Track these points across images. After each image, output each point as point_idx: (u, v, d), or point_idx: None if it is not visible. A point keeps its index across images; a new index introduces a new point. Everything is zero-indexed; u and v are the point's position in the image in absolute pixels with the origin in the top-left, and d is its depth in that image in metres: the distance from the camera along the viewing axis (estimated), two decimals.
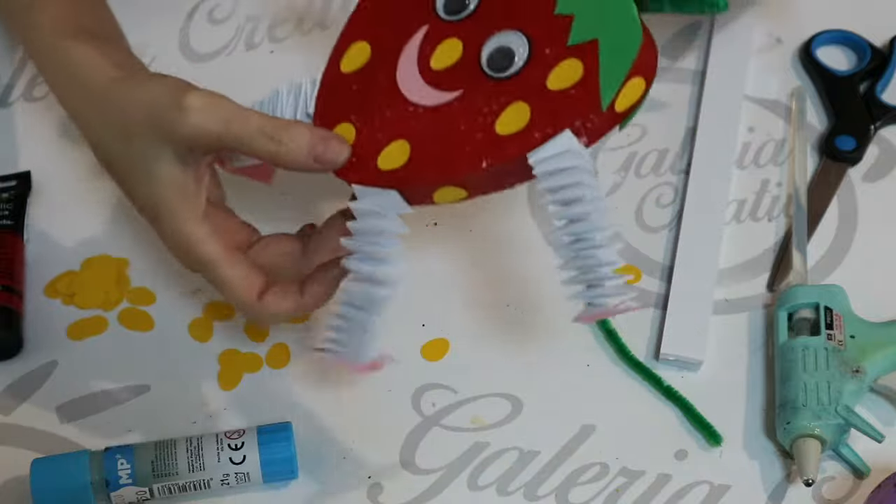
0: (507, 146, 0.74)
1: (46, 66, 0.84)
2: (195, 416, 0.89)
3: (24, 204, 0.97)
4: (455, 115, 0.77)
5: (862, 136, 1.01)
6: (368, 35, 0.82)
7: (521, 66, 0.75)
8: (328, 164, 0.78)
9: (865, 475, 0.87)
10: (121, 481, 0.84)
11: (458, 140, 0.76)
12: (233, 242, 0.82)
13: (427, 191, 0.77)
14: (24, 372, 0.91)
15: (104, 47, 0.82)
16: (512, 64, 0.75)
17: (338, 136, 0.79)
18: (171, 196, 0.79)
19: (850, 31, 1.06)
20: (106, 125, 0.80)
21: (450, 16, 0.79)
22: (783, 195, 0.99)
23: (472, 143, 0.76)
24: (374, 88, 0.80)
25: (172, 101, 0.77)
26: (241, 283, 0.80)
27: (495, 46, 0.76)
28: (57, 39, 0.82)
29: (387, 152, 0.78)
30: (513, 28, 0.76)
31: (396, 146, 0.78)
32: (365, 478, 0.87)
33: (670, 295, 0.93)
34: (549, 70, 0.74)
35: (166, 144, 0.78)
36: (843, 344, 0.88)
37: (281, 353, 0.92)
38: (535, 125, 0.74)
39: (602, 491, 0.87)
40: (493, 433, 0.89)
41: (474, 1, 0.78)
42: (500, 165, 0.75)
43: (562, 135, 0.74)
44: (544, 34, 0.75)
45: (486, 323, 0.93)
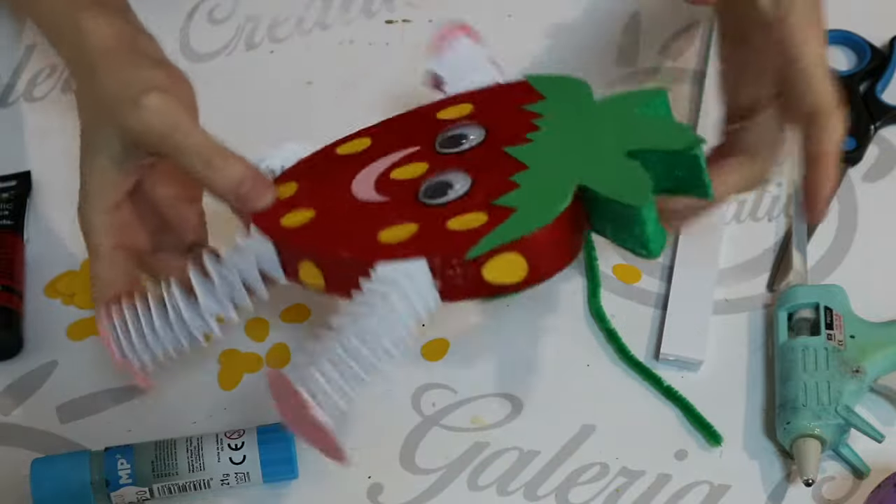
0: (370, 252, 0.75)
1: (58, 36, 0.85)
2: (195, 416, 0.89)
3: (24, 204, 0.97)
4: (366, 213, 0.78)
5: (862, 136, 1.01)
6: (375, 135, 0.84)
7: (445, 203, 0.77)
8: (247, 204, 0.80)
9: (865, 475, 0.87)
10: (121, 481, 0.84)
11: (347, 230, 0.78)
12: (128, 242, 0.82)
13: (296, 256, 0.77)
14: (24, 372, 0.91)
15: (112, 18, 0.83)
16: (442, 196, 0.77)
17: (267, 183, 0.80)
18: (95, 182, 0.81)
19: (850, 31, 1.06)
20: (85, 97, 0.82)
21: (442, 149, 0.81)
22: (783, 195, 0.99)
23: (353, 237, 0.77)
24: (337, 169, 0.82)
25: (134, 93, 0.78)
26: (104, 283, 0.81)
27: (440, 178, 0.78)
28: (73, 10, 0.83)
29: (296, 213, 0.79)
30: (464, 170, 0.78)
31: (306, 212, 0.79)
32: (365, 478, 0.87)
33: (670, 295, 0.93)
34: (461, 213, 0.76)
35: (115, 135, 0.79)
36: (843, 344, 0.88)
37: (281, 353, 0.92)
38: (406, 246, 0.75)
39: (602, 491, 0.87)
40: (493, 433, 0.89)
41: (468, 144, 0.80)
42: (352, 260, 0.75)
43: (415, 261, 0.74)
44: (485, 186, 0.77)
45: (486, 323, 0.93)
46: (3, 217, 0.96)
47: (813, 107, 0.82)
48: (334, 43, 1.06)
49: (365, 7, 1.09)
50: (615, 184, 0.74)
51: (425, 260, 0.74)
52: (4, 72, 1.05)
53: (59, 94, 1.04)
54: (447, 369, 0.92)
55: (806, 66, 0.82)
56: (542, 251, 0.74)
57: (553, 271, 0.76)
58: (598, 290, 0.94)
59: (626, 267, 0.96)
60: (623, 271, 0.96)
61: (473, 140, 0.81)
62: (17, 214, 0.96)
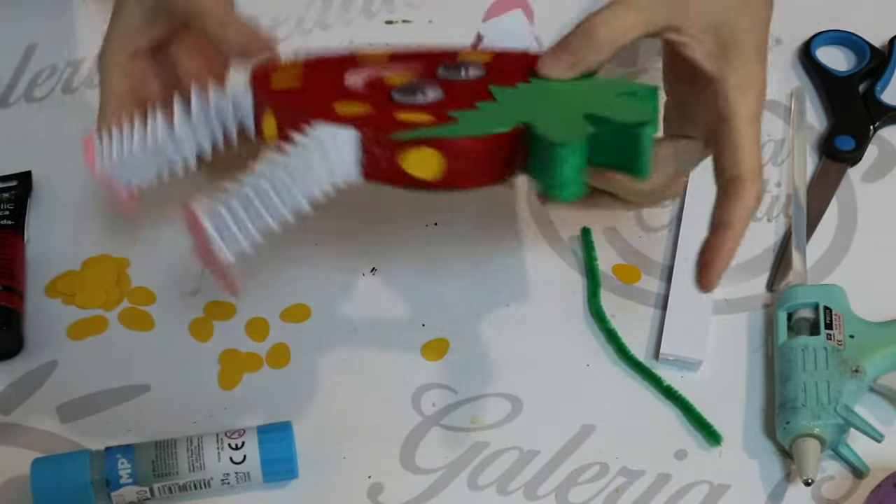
0: (316, 112, 0.79)
1: None
2: (195, 416, 0.89)
3: (24, 204, 0.97)
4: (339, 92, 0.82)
5: (861, 137, 1.01)
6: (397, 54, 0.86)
7: (408, 102, 0.81)
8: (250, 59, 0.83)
9: (865, 475, 0.87)
10: (121, 481, 0.84)
11: (313, 97, 0.81)
12: (140, 91, 0.85)
13: (263, 108, 0.81)
14: (24, 372, 0.91)
15: None
16: (409, 97, 0.81)
17: (267, 43, 0.82)
18: (120, 26, 0.85)
19: (850, 32, 1.06)
20: None
21: (439, 74, 0.84)
22: (783, 195, 0.99)
23: (313, 101, 0.81)
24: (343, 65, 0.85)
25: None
26: (107, 113, 0.84)
27: (417, 84, 0.82)
28: None
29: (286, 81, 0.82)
30: (442, 88, 0.82)
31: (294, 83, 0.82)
32: (365, 478, 0.87)
33: (670, 295, 0.94)
34: (414, 112, 0.79)
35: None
36: (843, 344, 0.89)
37: (281, 353, 0.92)
38: (349, 118, 0.78)
39: (602, 491, 0.87)
40: (493, 433, 0.89)
41: (462, 76, 0.84)
42: (297, 114, 0.78)
43: (347, 129, 0.77)
44: (450, 102, 0.80)
45: (486, 323, 0.93)
46: (3, 217, 0.96)
47: (734, 171, 0.81)
48: (334, 43, 1.06)
49: (365, 7, 1.09)
50: (551, 127, 0.76)
51: (355, 131, 0.77)
52: (4, 72, 1.05)
53: (60, 94, 1.04)
54: (447, 369, 0.92)
55: (736, 127, 0.80)
56: (462, 159, 0.77)
57: (467, 183, 0.78)
58: (598, 290, 0.94)
59: (626, 267, 0.96)
60: (623, 271, 0.96)
61: (470, 75, 0.84)
62: (18, 214, 0.96)
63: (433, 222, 0.97)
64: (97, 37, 1.06)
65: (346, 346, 0.92)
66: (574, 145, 0.75)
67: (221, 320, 0.93)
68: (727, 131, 0.81)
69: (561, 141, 0.75)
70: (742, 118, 0.81)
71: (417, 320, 0.93)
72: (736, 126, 0.80)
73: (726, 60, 0.81)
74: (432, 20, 1.07)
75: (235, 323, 0.93)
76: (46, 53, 1.06)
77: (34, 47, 1.06)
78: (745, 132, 0.81)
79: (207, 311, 0.94)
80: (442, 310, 0.94)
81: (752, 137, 0.81)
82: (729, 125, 0.80)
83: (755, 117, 0.81)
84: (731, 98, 0.81)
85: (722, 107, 0.81)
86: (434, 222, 0.97)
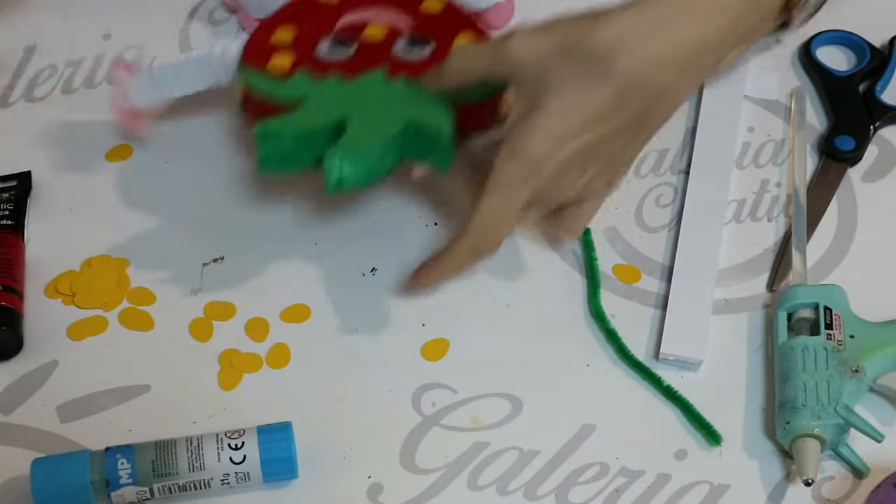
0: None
1: None
2: (195, 416, 0.89)
3: (24, 204, 0.97)
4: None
5: (861, 137, 1.01)
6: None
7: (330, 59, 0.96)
8: None
9: (865, 475, 0.87)
10: (121, 481, 0.84)
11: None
12: None
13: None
14: (24, 372, 0.91)
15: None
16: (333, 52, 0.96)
17: None
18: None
19: (850, 32, 1.06)
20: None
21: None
22: (783, 195, 0.99)
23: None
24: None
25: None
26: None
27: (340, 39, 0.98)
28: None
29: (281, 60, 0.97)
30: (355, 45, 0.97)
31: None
32: (365, 478, 0.87)
33: (670, 295, 0.94)
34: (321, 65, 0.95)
35: None
36: (843, 344, 0.89)
37: (281, 353, 0.92)
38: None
39: (602, 491, 0.87)
40: (493, 433, 0.89)
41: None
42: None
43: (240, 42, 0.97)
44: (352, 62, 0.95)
45: (486, 323, 0.93)
46: (3, 217, 0.96)
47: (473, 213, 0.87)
48: None
49: None
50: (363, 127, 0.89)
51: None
52: (4, 72, 1.05)
53: (60, 94, 1.04)
54: (447, 369, 0.92)
55: (491, 177, 0.86)
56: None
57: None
58: (598, 290, 0.94)
59: (626, 267, 0.96)
60: (623, 271, 0.96)
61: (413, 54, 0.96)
62: (18, 214, 0.96)
63: (433, 222, 0.97)
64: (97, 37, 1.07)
65: (346, 346, 0.92)
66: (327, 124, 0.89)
67: (221, 320, 0.93)
68: (489, 178, 0.86)
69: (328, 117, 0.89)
70: (494, 178, 0.85)
71: (417, 320, 0.93)
72: (491, 176, 0.86)
73: (519, 127, 0.85)
74: None
75: (235, 323, 0.93)
76: (46, 53, 1.06)
77: (34, 48, 1.06)
78: (489, 193, 0.86)
79: (207, 311, 0.94)
80: (442, 310, 0.94)
81: (492, 201, 0.86)
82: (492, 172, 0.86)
83: (507, 185, 0.85)
84: (502, 150, 0.86)
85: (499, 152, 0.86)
86: (434, 222, 0.97)
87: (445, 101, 0.89)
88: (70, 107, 1.03)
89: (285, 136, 0.88)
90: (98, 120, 1.02)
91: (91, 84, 1.04)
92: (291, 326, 0.93)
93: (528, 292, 0.95)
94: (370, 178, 0.88)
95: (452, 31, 0.96)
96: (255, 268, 0.95)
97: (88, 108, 1.03)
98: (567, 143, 0.84)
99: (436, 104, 0.89)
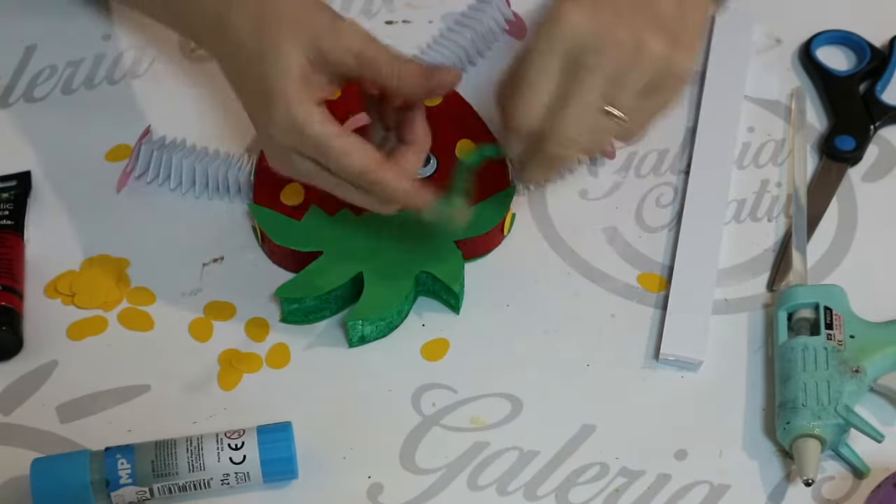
0: None
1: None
2: (195, 416, 0.89)
3: (24, 204, 0.97)
4: None
5: (861, 137, 1.01)
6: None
7: None
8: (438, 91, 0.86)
9: (865, 475, 0.87)
10: (121, 481, 0.84)
11: None
12: None
13: None
14: (24, 372, 0.91)
15: None
16: None
17: (438, 70, 0.86)
18: (294, 81, 0.84)
19: (850, 32, 1.06)
20: (250, 15, 0.86)
21: None
22: (783, 195, 0.99)
23: None
24: None
25: (330, 20, 0.85)
26: (362, 147, 0.84)
27: None
28: None
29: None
30: None
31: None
32: (365, 478, 0.87)
33: (670, 295, 0.93)
34: None
35: (305, 44, 0.84)
36: (843, 344, 0.88)
37: (281, 353, 0.92)
38: None
39: (602, 491, 0.87)
40: (493, 433, 0.89)
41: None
42: None
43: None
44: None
45: (486, 323, 0.93)
46: (3, 217, 0.96)
47: None
48: None
49: (365, 8, 1.09)
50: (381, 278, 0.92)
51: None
52: (4, 72, 1.05)
53: (60, 94, 1.04)
54: (447, 369, 0.92)
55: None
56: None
57: None
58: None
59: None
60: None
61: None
62: (17, 214, 0.96)
63: None
64: (97, 37, 1.07)
65: (346, 347, 0.92)
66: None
67: (221, 320, 0.93)
68: None
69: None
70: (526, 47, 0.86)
71: (417, 320, 0.93)
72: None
73: None
74: (432, 20, 1.07)
75: (235, 323, 0.93)
76: (46, 53, 1.06)
77: (34, 47, 1.06)
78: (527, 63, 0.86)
79: (207, 311, 0.94)
80: (442, 310, 0.94)
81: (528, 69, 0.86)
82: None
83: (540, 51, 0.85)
84: None
85: None
86: None
87: (453, 236, 0.93)
88: (70, 107, 1.03)
89: (307, 298, 0.91)
90: (98, 120, 1.02)
91: (91, 84, 1.04)
92: (291, 326, 0.93)
93: (528, 292, 0.95)
94: (390, 330, 0.93)
95: (452, 136, 0.97)
96: (255, 268, 0.95)
97: (88, 109, 1.03)
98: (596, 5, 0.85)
99: (444, 243, 0.93)
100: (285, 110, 0.84)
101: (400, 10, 1.08)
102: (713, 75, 1.03)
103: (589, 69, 0.84)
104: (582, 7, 0.84)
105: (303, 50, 0.84)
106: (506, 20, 1.05)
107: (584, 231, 0.97)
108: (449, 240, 0.93)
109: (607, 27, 0.84)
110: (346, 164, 0.84)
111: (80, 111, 1.03)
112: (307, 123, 0.84)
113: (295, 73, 0.84)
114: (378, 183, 0.85)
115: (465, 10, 1.06)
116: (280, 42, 0.84)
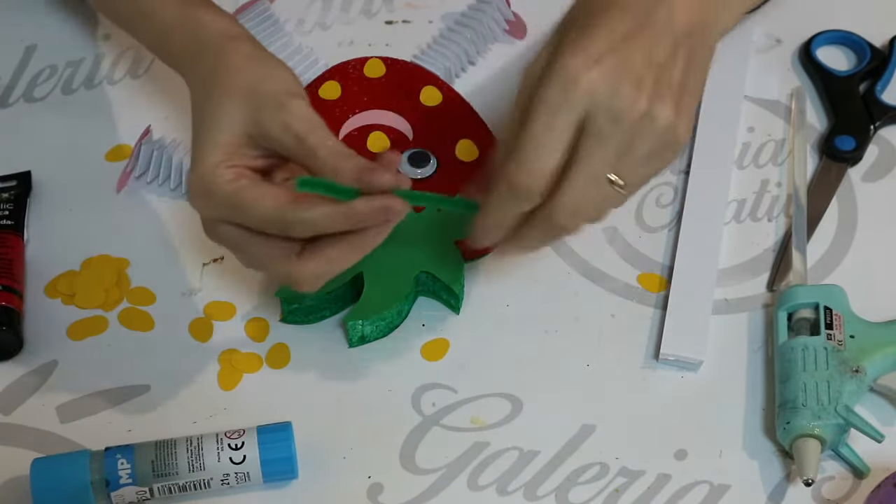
0: None
1: (172, 29, 0.88)
2: (195, 416, 0.89)
3: (24, 204, 0.97)
4: None
5: (861, 137, 1.01)
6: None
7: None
8: (371, 188, 0.81)
9: (865, 475, 0.87)
10: (121, 481, 0.84)
11: None
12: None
13: None
14: (24, 372, 0.91)
15: (223, 15, 0.88)
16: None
17: (381, 170, 0.81)
18: (217, 152, 0.82)
19: (850, 32, 1.06)
20: (204, 76, 0.85)
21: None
22: (783, 195, 0.99)
23: None
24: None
25: (284, 95, 0.82)
26: (274, 191, 0.81)
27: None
28: (186, 8, 0.88)
29: None
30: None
31: None
32: (365, 478, 0.87)
33: (670, 295, 0.93)
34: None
35: (246, 118, 0.82)
36: (843, 344, 0.88)
37: (281, 353, 0.92)
38: None
39: (602, 491, 0.87)
40: (493, 433, 0.89)
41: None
42: None
43: None
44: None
45: (486, 323, 0.93)
46: (3, 217, 0.96)
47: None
48: (334, 44, 1.06)
49: (365, 8, 1.09)
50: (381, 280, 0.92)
51: None
52: (4, 72, 1.05)
53: (60, 94, 1.04)
54: (447, 369, 0.92)
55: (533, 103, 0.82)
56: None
57: None
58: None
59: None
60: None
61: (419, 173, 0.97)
62: (17, 214, 0.96)
63: None
64: (97, 37, 1.07)
65: (346, 347, 0.92)
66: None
67: (221, 320, 0.93)
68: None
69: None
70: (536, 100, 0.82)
71: (417, 320, 0.93)
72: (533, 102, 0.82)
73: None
74: (432, 20, 1.07)
75: (235, 323, 0.93)
76: (46, 53, 1.06)
77: (34, 47, 1.06)
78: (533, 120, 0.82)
79: (207, 311, 0.94)
80: (442, 310, 0.94)
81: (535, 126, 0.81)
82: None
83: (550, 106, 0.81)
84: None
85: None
86: None
87: (453, 237, 0.93)
88: (70, 107, 1.03)
89: (307, 297, 0.91)
90: (98, 120, 1.02)
91: (91, 84, 1.04)
92: (291, 326, 0.93)
93: (528, 292, 0.95)
94: (390, 330, 0.93)
95: (452, 136, 0.97)
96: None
97: (88, 108, 1.03)
98: (601, 56, 0.80)
99: (444, 243, 0.93)
100: (199, 176, 0.82)
101: (400, 10, 1.08)
102: (713, 75, 1.03)
103: (602, 137, 0.80)
104: (600, 65, 0.80)
105: (241, 124, 0.82)
106: (506, 20, 1.05)
107: (584, 231, 0.97)
108: (449, 240, 0.93)
109: (627, 95, 0.80)
110: (261, 208, 0.80)
111: (80, 111, 1.03)
112: (215, 184, 0.81)
113: (222, 144, 0.82)
114: (299, 221, 0.80)
115: (465, 10, 1.06)
116: (220, 114, 0.82)
